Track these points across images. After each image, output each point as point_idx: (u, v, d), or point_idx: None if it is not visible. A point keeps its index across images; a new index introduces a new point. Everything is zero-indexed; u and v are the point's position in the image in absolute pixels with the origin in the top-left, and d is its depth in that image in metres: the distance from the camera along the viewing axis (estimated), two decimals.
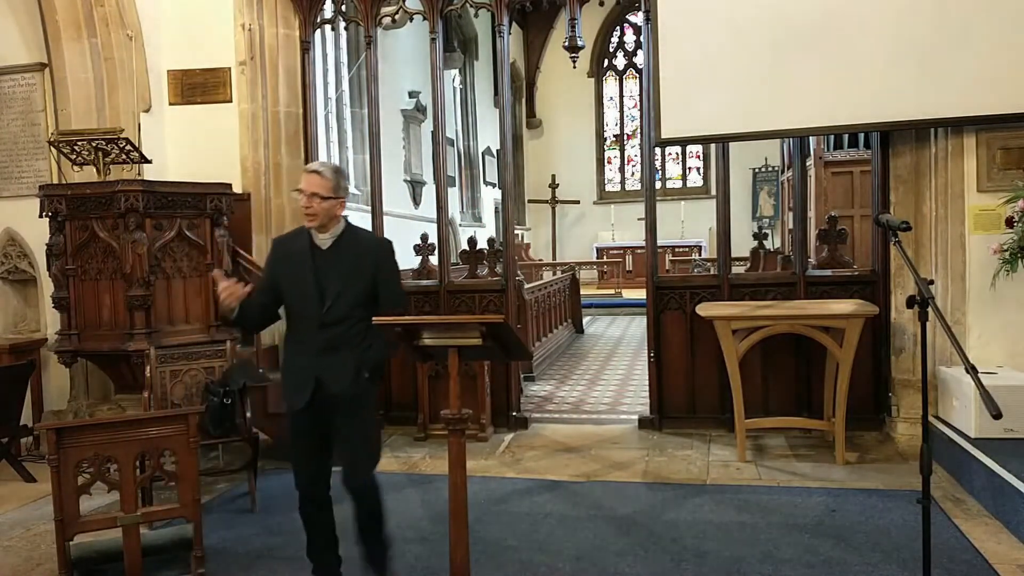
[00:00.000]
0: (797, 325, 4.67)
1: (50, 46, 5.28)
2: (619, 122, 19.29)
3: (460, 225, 13.73)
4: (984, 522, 3.67)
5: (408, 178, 11.68)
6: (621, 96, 19.19)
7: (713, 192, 8.17)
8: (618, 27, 18.79)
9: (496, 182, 15.07)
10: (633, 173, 18.81)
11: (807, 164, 8.26)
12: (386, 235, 5.97)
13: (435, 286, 5.87)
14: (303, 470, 3.06)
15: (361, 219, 8.44)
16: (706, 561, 3.37)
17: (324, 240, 3.00)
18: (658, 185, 11.06)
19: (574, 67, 9.40)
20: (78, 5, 5.17)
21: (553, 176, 17.98)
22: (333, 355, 2.94)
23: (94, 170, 4.80)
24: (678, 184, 18.63)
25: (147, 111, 5.47)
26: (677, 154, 18.50)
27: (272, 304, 3.08)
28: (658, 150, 6.58)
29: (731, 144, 5.47)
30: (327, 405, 2.97)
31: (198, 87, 5.68)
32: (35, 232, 5.17)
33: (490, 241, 6.15)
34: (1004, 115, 4.47)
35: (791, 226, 6.61)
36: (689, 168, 18.71)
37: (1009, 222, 4.18)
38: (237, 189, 5.37)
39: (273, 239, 3.31)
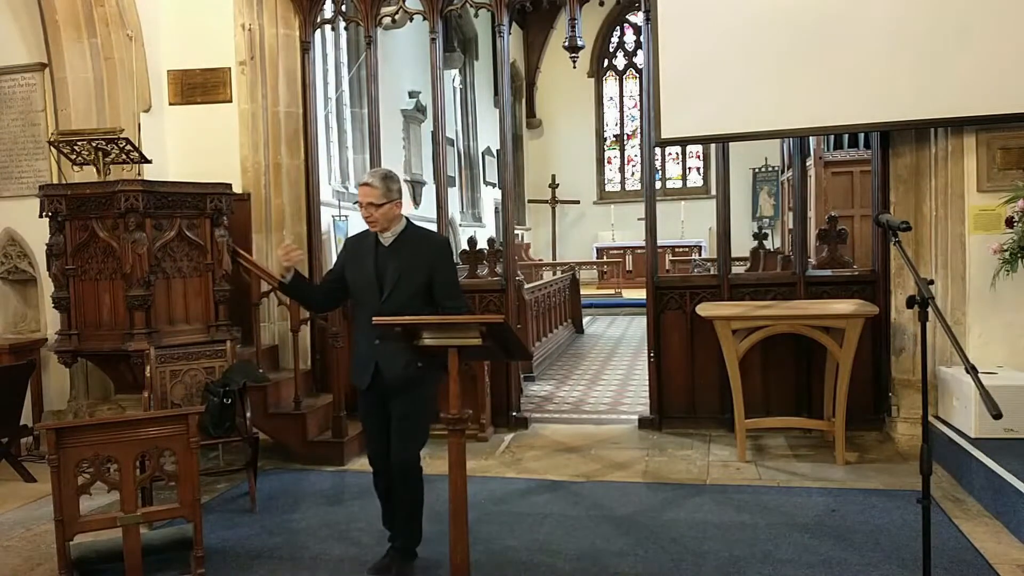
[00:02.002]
0: (797, 325, 4.67)
1: (50, 46, 5.28)
2: (619, 122, 19.29)
3: (460, 225, 13.73)
4: (984, 522, 3.67)
5: (408, 178, 11.67)
6: (621, 96, 19.20)
7: (713, 192, 8.17)
8: (618, 27, 18.80)
9: (496, 182, 15.06)
10: (633, 173, 18.82)
11: (807, 164, 8.27)
12: None
13: None
14: (371, 444, 3.40)
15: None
16: (706, 561, 3.36)
17: (386, 238, 3.31)
18: (658, 185, 11.06)
19: (574, 67, 9.37)
20: (78, 5, 5.17)
21: (553, 176, 17.97)
22: (391, 342, 3.12)
23: (94, 170, 4.79)
24: (678, 184, 18.63)
25: (147, 111, 5.47)
26: (677, 154, 18.50)
27: (338, 291, 3.47)
28: (658, 150, 6.58)
29: (731, 144, 5.47)
30: (386, 387, 3.25)
31: (198, 87, 5.68)
32: (35, 232, 5.17)
33: (490, 241, 6.15)
34: (1004, 115, 4.47)
35: (791, 226, 6.62)
36: (689, 168, 18.71)
37: (1009, 222, 4.18)
38: (237, 189, 5.37)
39: (346, 238, 3.60)
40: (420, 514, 3.33)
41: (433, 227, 6.03)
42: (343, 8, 6.04)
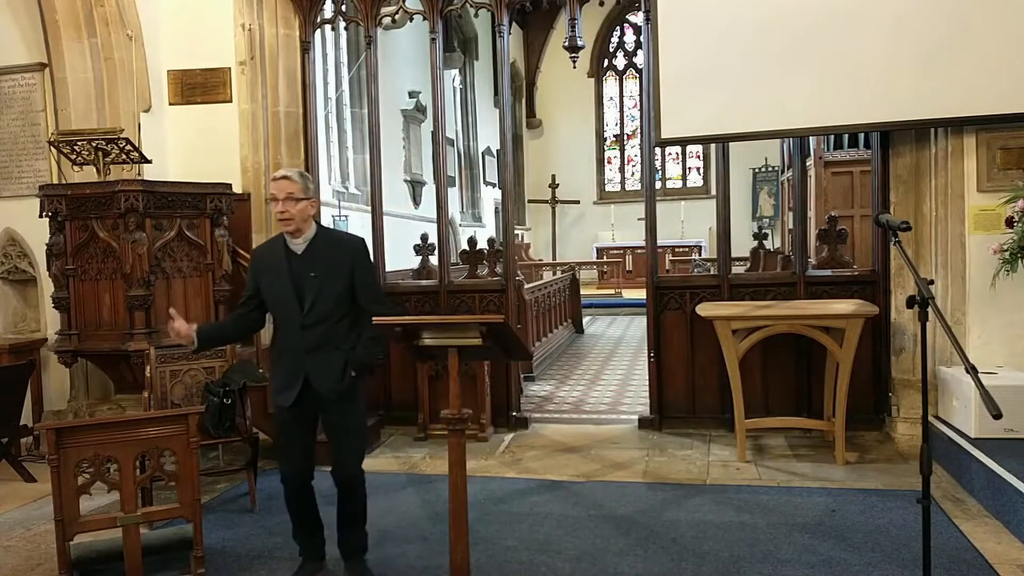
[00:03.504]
0: (797, 325, 4.66)
1: (50, 46, 5.28)
2: (619, 122, 19.29)
3: (460, 225, 13.73)
4: (984, 522, 3.67)
5: (408, 178, 11.68)
6: (621, 96, 19.20)
7: (713, 192, 8.16)
8: (618, 27, 18.80)
9: (496, 182, 15.06)
10: (633, 173, 18.82)
11: (807, 164, 8.26)
12: (386, 235, 6.01)
13: (435, 286, 5.86)
14: (289, 463, 3.24)
15: (361, 219, 8.51)
16: (706, 561, 3.36)
17: (298, 245, 3.13)
18: (658, 185, 11.07)
19: (574, 67, 9.39)
20: (78, 5, 5.17)
21: (553, 176, 17.98)
22: (319, 354, 3.08)
23: (94, 170, 4.80)
24: (678, 184, 18.63)
25: (147, 111, 5.47)
26: (677, 154, 18.50)
27: (256, 312, 3.25)
28: (658, 150, 6.59)
29: (731, 144, 5.47)
30: (313, 402, 3.12)
31: (198, 87, 5.69)
32: (35, 232, 5.17)
33: (490, 241, 6.14)
34: (1004, 115, 4.46)
35: (791, 226, 6.62)
36: (689, 168, 18.71)
37: (1009, 222, 4.17)
38: (237, 189, 5.37)
39: (252, 250, 3.41)
40: (366, 521, 3.30)
41: (433, 227, 6.06)
42: (343, 8, 6.04)
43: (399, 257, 6.81)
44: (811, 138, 7.71)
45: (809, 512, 3.87)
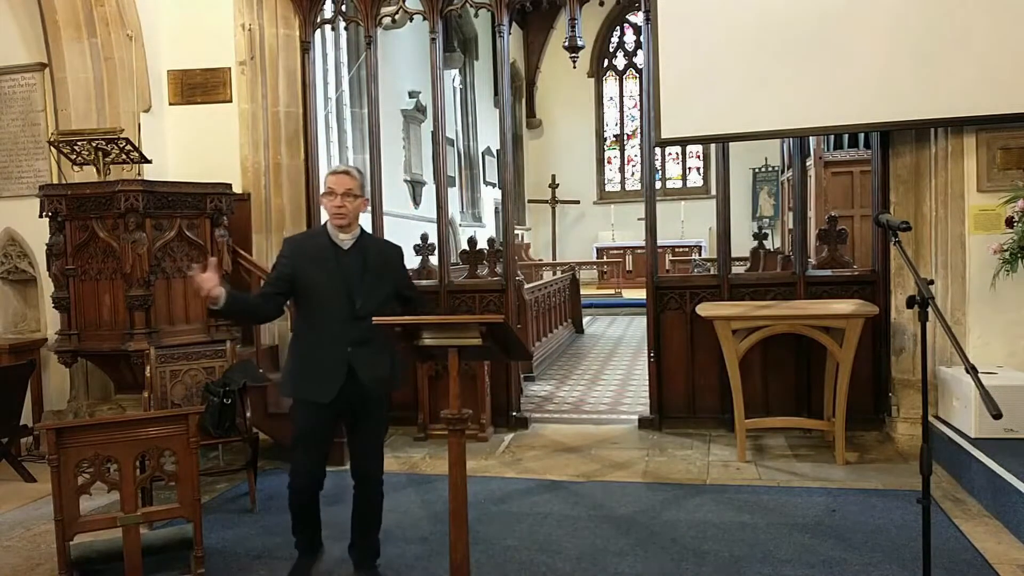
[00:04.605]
0: (797, 325, 4.67)
1: (50, 46, 5.28)
2: (619, 122, 19.29)
3: (460, 225, 13.73)
4: (984, 522, 3.67)
5: (408, 178, 11.68)
6: (621, 96, 19.20)
7: (713, 192, 8.15)
8: (618, 27, 18.80)
9: (496, 182, 15.06)
10: (633, 173, 18.82)
11: (807, 164, 8.26)
12: (386, 235, 6.00)
13: (435, 286, 5.87)
14: (309, 462, 3.17)
15: (361, 219, 8.50)
16: (706, 561, 3.36)
17: (345, 240, 3.13)
18: (658, 185, 11.06)
19: (574, 67, 9.39)
20: (78, 5, 5.18)
21: (553, 176, 17.98)
22: (365, 348, 3.07)
23: (94, 170, 4.80)
24: (678, 184, 18.63)
25: (147, 111, 5.47)
26: (677, 154, 18.50)
27: (282, 297, 3.16)
28: (658, 150, 6.59)
29: (731, 144, 5.47)
30: (352, 397, 3.08)
31: (198, 87, 5.69)
32: (35, 232, 5.17)
33: (490, 241, 6.15)
34: (1004, 115, 4.46)
35: (791, 226, 6.62)
36: (689, 168, 18.71)
37: (1009, 222, 4.18)
38: (237, 189, 5.37)
39: (287, 238, 3.40)
40: (380, 524, 3.31)
41: (433, 227, 6.06)
42: (343, 8, 6.04)
43: None
44: (811, 138, 7.71)
45: (809, 512, 3.87)
